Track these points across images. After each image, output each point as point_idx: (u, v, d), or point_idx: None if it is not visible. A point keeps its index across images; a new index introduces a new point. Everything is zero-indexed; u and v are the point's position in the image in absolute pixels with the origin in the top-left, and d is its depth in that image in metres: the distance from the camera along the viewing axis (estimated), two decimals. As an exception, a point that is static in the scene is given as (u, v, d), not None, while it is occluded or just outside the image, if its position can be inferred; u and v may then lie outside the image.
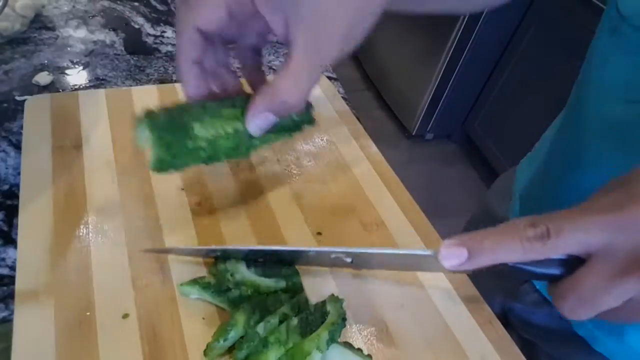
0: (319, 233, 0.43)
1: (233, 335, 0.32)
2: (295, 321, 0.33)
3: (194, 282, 0.36)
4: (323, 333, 0.33)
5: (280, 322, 0.34)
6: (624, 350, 0.46)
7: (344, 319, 0.35)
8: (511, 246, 0.27)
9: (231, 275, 0.36)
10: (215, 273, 0.37)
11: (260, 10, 0.30)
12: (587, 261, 0.27)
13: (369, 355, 0.35)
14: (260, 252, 0.38)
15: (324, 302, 0.36)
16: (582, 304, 0.27)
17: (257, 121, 0.33)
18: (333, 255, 0.35)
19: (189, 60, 0.32)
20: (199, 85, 0.34)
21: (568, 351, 0.51)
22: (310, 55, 0.30)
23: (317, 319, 0.34)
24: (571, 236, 0.26)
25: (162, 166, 0.32)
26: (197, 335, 0.34)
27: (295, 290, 0.37)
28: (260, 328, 0.33)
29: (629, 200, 0.26)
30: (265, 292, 0.36)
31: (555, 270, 0.29)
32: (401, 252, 0.33)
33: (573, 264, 0.28)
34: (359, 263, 0.36)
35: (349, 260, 0.35)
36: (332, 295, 0.37)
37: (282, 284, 0.37)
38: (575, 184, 0.45)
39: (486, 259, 0.28)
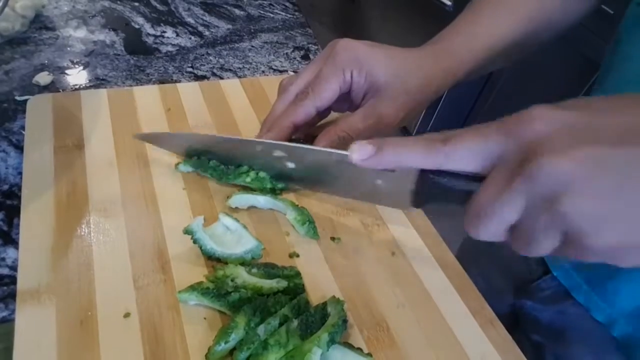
0: (320, 233, 0.43)
1: (234, 337, 0.32)
2: (295, 323, 0.33)
3: (192, 288, 0.35)
4: (323, 335, 0.32)
5: (281, 324, 0.33)
6: None
7: (345, 321, 0.35)
8: (416, 146, 0.30)
9: (231, 280, 0.36)
10: (213, 280, 0.36)
11: (354, 90, 0.44)
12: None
13: (369, 354, 0.35)
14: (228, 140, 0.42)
15: (324, 304, 0.36)
16: (481, 216, 0.28)
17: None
18: (275, 153, 0.40)
19: (292, 124, 0.43)
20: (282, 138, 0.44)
21: (576, 351, 0.51)
22: (368, 116, 0.43)
23: (317, 320, 0.34)
24: (468, 141, 0.29)
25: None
26: (198, 334, 0.34)
27: (296, 291, 0.37)
28: (261, 330, 0.33)
29: (518, 114, 0.28)
30: (267, 294, 0.36)
31: (469, 185, 0.31)
32: (326, 150, 0.38)
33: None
34: (299, 169, 0.41)
35: (291, 166, 0.41)
36: (334, 297, 0.37)
37: (284, 284, 0.37)
38: None
39: (392, 156, 0.31)
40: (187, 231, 0.38)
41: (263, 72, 0.65)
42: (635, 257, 0.25)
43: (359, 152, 0.32)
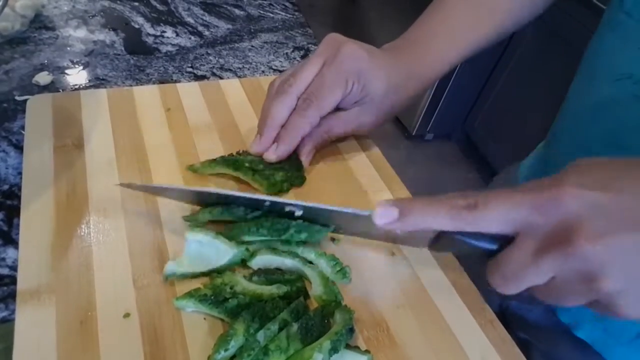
0: (320, 233, 0.43)
1: (234, 344, 0.32)
2: (295, 327, 0.33)
3: (189, 295, 0.35)
4: (325, 342, 0.32)
5: (280, 328, 0.33)
6: (605, 335, 0.47)
7: (351, 330, 0.34)
8: (440, 211, 0.30)
9: (230, 288, 0.36)
10: (212, 288, 0.35)
11: (347, 99, 0.45)
12: (515, 239, 0.29)
13: (367, 351, 0.35)
14: (235, 198, 0.39)
15: (323, 307, 0.36)
16: (508, 279, 0.29)
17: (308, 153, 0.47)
18: (287, 209, 0.38)
19: (301, 136, 0.45)
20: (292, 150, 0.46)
21: (561, 349, 0.52)
22: (349, 123, 0.47)
23: (318, 323, 0.34)
24: (496, 210, 0.29)
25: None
26: (198, 334, 0.34)
27: (298, 296, 0.37)
28: (260, 336, 0.32)
29: (550, 183, 0.28)
30: (267, 299, 0.35)
31: (490, 245, 0.31)
32: (344, 210, 0.36)
33: (506, 241, 0.30)
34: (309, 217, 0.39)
35: (300, 213, 0.38)
36: (342, 305, 0.36)
37: (284, 289, 0.36)
38: None
39: (415, 221, 0.31)
40: (168, 276, 0.36)
41: (263, 72, 0.65)
42: None
43: (383, 217, 0.31)
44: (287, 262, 0.38)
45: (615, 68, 0.42)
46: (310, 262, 0.39)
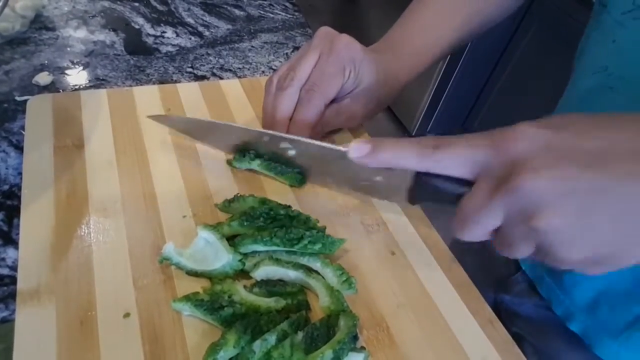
0: (320, 233, 0.43)
1: (223, 355, 0.31)
2: (300, 336, 0.33)
3: (187, 298, 0.34)
4: (327, 351, 0.32)
5: (279, 339, 0.33)
6: (596, 326, 0.47)
7: (355, 337, 0.34)
8: (410, 149, 0.32)
9: (228, 296, 0.35)
10: (210, 294, 0.35)
11: (344, 89, 0.46)
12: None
13: (363, 347, 0.35)
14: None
15: (329, 317, 0.35)
16: (466, 222, 0.31)
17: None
18: (282, 145, 0.43)
19: (310, 127, 0.45)
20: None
21: (552, 343, 0.53)
22: (341, 113, 0.48)
23: (323, 334, 0.33)
24: (458, 150, 0.31)
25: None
26: (198, 335, 0.34)
27: (299, 308, 0.36)
28: (257, 346, 0.32)
29: (506, 130, 0.30)
30: (263, 312, 0.35)
31: (457, 189, 0.33)
32: (324, 145, 0.40)
33: (471, 186, 0.31)
34: (301, 157, 0.43)
35: (293, 153, 0.43)
36: (349, 311, 0.36)
37: (282, 303, 0.36)
38: None
39: (386, 156, 0.33)
40: (163, 259, 0.37)
41: (263, 72, 0.65)
42: (599, 269, 0.28)
43: (356, 150, 0.34)
44: (290, 274, 0.38)
45: (594, 62, 0.43)
46: (315, 272, 0.38)
